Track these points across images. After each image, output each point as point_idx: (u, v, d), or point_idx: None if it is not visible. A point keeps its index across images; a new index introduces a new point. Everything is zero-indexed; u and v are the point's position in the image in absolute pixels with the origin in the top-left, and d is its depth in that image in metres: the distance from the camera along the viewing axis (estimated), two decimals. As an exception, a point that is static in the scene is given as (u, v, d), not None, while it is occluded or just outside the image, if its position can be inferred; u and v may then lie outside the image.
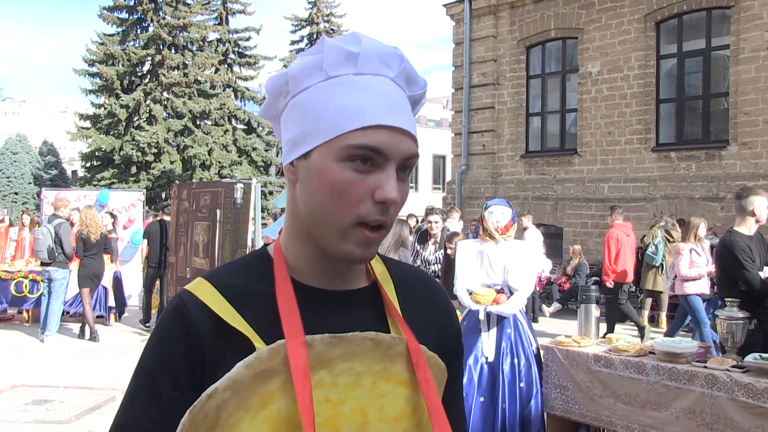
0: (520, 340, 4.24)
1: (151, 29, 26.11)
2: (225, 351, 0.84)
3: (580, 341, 4.11)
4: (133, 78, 26.51)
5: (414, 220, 11.94)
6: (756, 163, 10.57)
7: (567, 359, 4.01)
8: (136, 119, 26.10)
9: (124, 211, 11.40)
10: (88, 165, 26.83)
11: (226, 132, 26.63)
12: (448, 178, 15.51)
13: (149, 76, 26.30)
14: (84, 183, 26.39)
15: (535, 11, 13.36)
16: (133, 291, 10.70)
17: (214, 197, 8.09)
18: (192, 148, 25.21)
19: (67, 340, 8.37)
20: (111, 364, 7.04)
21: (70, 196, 11.86)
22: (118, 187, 22.06)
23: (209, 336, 0.85)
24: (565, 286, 11.10)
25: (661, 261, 9.38)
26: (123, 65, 25.99)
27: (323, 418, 0.81)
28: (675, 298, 10.36)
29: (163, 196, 23.04)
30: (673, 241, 9.72)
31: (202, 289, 0.88)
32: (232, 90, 27.64)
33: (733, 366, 3.38)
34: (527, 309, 6.61)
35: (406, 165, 0.86)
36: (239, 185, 7.53)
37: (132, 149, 24.71)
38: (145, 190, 14.63)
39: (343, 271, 0.92)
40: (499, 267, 4.34)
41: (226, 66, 27.73)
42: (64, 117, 76.63)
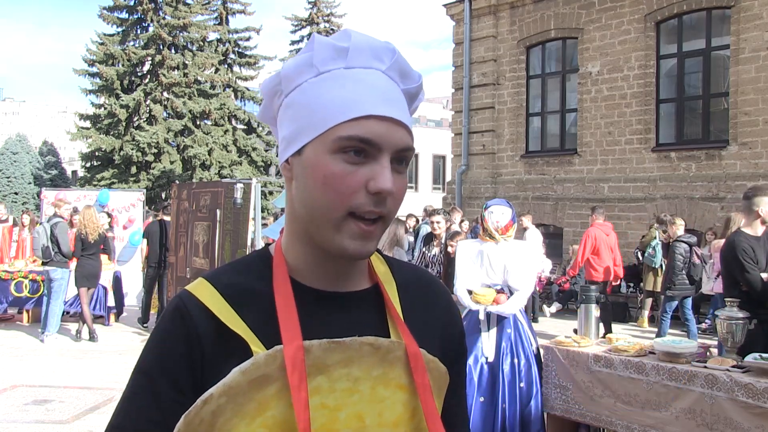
0: (520, 340, 4.24)
1: (151, 29, 26.11)
2: (224, 353, 0.84)
3: (580, 341, 4.11)
4: (133, 78, 26.51)
5: (414, 220, 11.94)
6: (756, 163, 10.57)
7: (567, 359, 4.01)
8: (136, 119, 26.09)
9: (124, 211, 11.39)
10: (88, 165, 26.82)
11: (226, 132, 26.63)
12: (448, 178, 15.51)
13: (149, 76, 26.29)
14: (84, 183, 26.38)
15: (535, 11, 13.36)
16: (131, 291, 10.69)
17: (214, 197, 8.09)
18: (192, 148, 25.20)
19: (67, 340, 8.36)
20: (111, 364, 7.04)
21: (70, 196, 11.86)
22: (118, 187, 22.05)
23: (209, 337, 0.84)
24: (565, 286, 11.10)
25: (660, 262, 9.37)
26: (123, 65, 25.99)
27: (320, 425, 0.80)
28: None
29: (163, 196, 23.04)
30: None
31: (203, 289, 0.87)
32: (232, 90, 27.64)
33: (733, 366, 3.38)
34: (527, 309, 6.61)
35: (401, 157, 0.85)
36: (239, 185, 7.53)
37: (132, 149, 24.71)
38: (145, 190, 14.62)
39: (344, 272, 0.91)
40: (499, 267, 4.34)
41: (226, 66, 27.72)
42: (64, 117, 76.63)
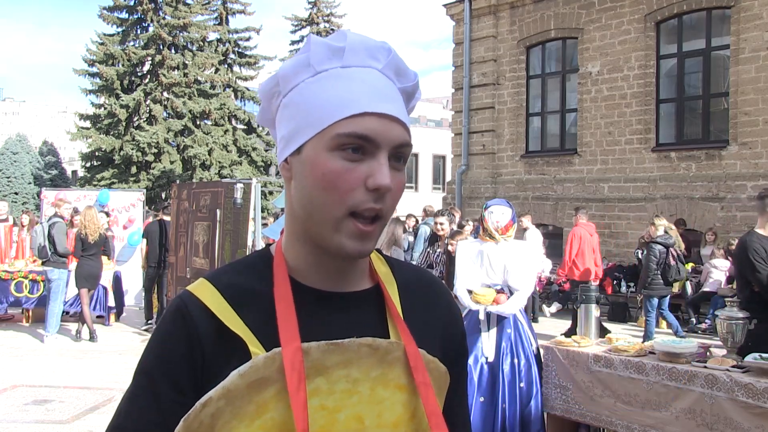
0: (520, 340, 4.24)
1: (151, 29, 26.10)
2: (225, 353, 0.84)
3: (580, 341, 4.11)
4: (133, 78, 26.50)
5: (413, 220, 11.94)
6: (756, 163, 10.57)
7: (567, 359, 4.01)
8: (136, 119, 26.09)
9: (124, 211, 11.39)
10: (88, 165, 26.81)
11: (226, 132, 26.62)
12: (448, 178, 15.51)
13: (149, 76, 26.28)
14: (84, 183, 26.37)
15: (535, 11, 13.36)
16: (131, 291, 10.69)
17: (214, 197, 8.08)
18: (192, 148, 25.19)
19: (67, 340, 8.36)
20: (111, 364, 7.04)
21: (70, 196, 11.86)
22: (118, 187, 22.05)
23: (210, 338, 0.84)
24: (565, 286, 11.09)
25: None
26: (123, 65, 25.98)
27: (318, 426, 0.80)
28: (675, 298, 10.38)
29: (163, 196, 23.03)
30: (674, 240, 9.71)
31: (204, 290, 0.87)
32: (232, 90, 27.63)
33: (733, 366, 3.38)
34: (527, 309, 6.61)
35: (399, 154, 0.85)
36: (239, 185, 7.53)
37: (132, 149, 24.69)
38: (145, 190, 14.62)
39: (344, 272, 0.91)
40: (499, 267, 4.34)
41: (226, 66, 27.72)
42: (64, 117, 76.62)
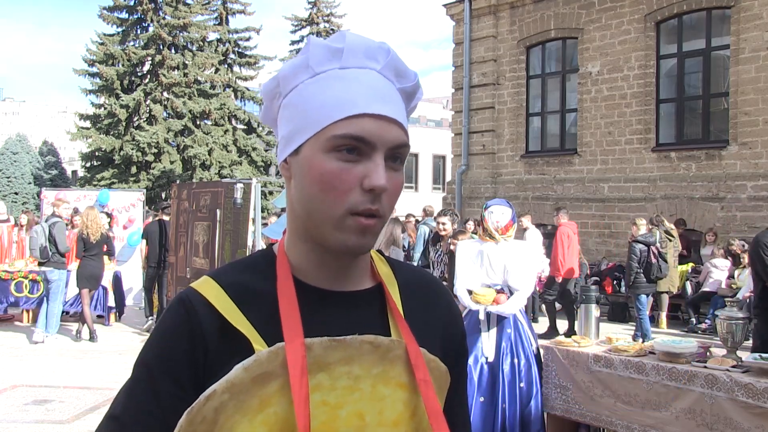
0: (520, 340, 4.23)
1: (151, 29, 26.09)
2: (228, 350, 0.84)
3: (580, 341, 4.11)
4: (133, 78, 26.49)
5: (413, 220, 11.94)
6: (756, 163, 10.57)
7: (567, 359, 4.01)
8: (136, 119, 26.08)
9: (124, 211, 11.39)
10: (88, 165, 26.80)
11: (226, 132, 26.61)
12: (448, 178, 15.51)
13: (149, 76, 26.28)
14: (84, 183, 26.36)
15: (535, 11, 13.36)
16: (131, 291, 10.68)
17: (214, 197, 8.08)
18: (192, 148, 25.19)
19: (67, 340, 8.36)
20: (111, 364, 7.04)
21: (70, 196, 11.86)
22: (118, 187, 22.04)
23: (213, 334, 0.85)
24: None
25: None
26: (123, 65, 25.97)
27: (320, 422, 0.81)
28: (675, 298, 10.39)
29: (163, 196, 23.01)
30: (674, 240, 9.72)
31: (208, 287, 0.88)
32: (232, 90, 27.62)
33: (733, 366, 3.38)
34: (527, 309, 6.62)
35: (396, 154, 0.86)
36: (239, 185, 7.53)
37: (132, 149, 24.69)
38: (145, 190, 14.62)
39: (346, 271, 0.91)
40: (499, 267, 4.34)
41: (226, 66, 27.71)
42: (64, 117, 76.61)
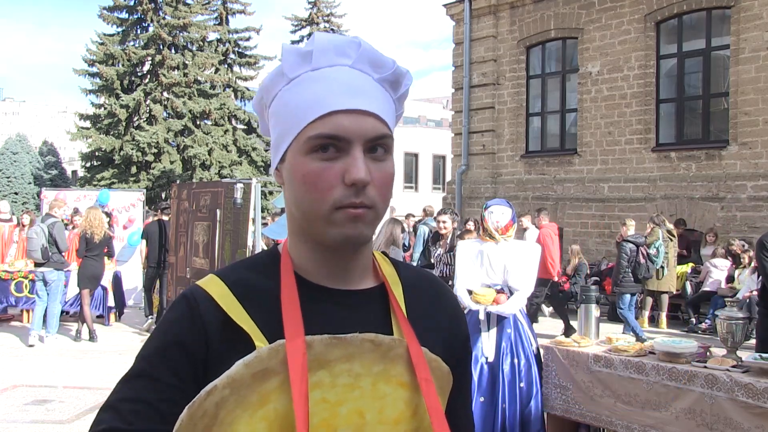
0: (520, 340, 4.24)
1: (151, 29, 26.08)
2: (229, 345, 0.85)
3: (580, 341, 4.11)
4: (133, 78, 26.48)
5: (413, 220, 11.95)
6: (756, 163, 10.57)
7: (567, 359, 4.01)
8: (136, 119, 26.07)
9: (124, 211, 11.38)
10: (88, 165, 26.79)
11: (226, 132, 26.61)
12: (448, 178, 15.50)
13: (149, 76, 26.27)
14: (84, 183, 26.35)
15: (535, 11, 13.36)
16: (131, 291, 10.68)
17: (214, 197, 8.08)
18: (192, 148, 25.18)
19: (67, 340, 8.37)
20: (111, 364, 7.04)
21: (70, 196, 11.87)
22: (118, 187, 22.04)
23: (215, 329, 0.86)
24: (565, 286, 11.09)
25: (662, 263, 9.40)
26: (123, 65, 25.96)
27: (320, 419, 0.81)
28: (675, 298, 10.39)
29: (163, 196, 23.00)
30: (674, 240, 9.73)
31: (212, 284, 0.90)
32: (232, 90, 27.61)
33: (733, 366, 3.38)
34: (527, 309, 6.60)
35: (377, 145, 0.87)
36: (239, 185, 7.53)
37: (132, 149, 24.68)
38: (145, 190, 14.61)
39: (348, 269, 0.92)
40: (499, 267, 4.34)
41: (226, 66, 27.70)
42: (64, 117, 76.61)
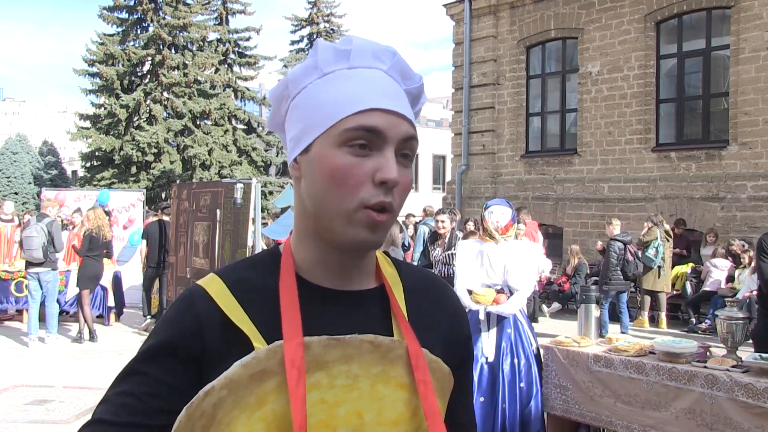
0: (520, 340, 4.24)
1: (151, 29, 26.06)
2: (228, 346, 0.85)
3: (580, 341, 4.10)
4: (133, 78, 26.46)
5: (413, 221, 11.94)
6: (756, 163, 10.57)
7: (567, 359, 4.01)
8: (136, 119, 26.06)
9: (124, 211, 11.38)
10: (88, 165, 26.78)
11: (226, 132, 26.60)
12: (448, 178, 15.50)
13: (149, 76, 26.26)
14: (84, 183, 26.34)
15: (535, 11, 13.36)
16: (130, 291, 10.67)
17: (214, 197, 8.09)
18: (192, 148, 25.17)
19: (67, 340, 8.37)
20: (111, 364, 7.04)
21: (70, 196, 11.87)
22: (118, 187, 22.03)
23: (214, 330, 0.86)
24: (565, 286, 11.09)
25: (660, 263, 9.41)
26: (123, 65, 25.94)
27: (318, 420, 0.81)
28: (675, 298, 10.39)
29: (163, 196, 23.00)
30: (671, 240, 9.75)
31: (213, 284, 0.90)
32: (232, 90, 27.60)
33: (733, 366, 3.38)
34: (527, 309, 6.60)
35: (406, 149, 0.87)
36: (239, 185, 7.53)
37: (132, 149, 24.67)
38: (145, 190, 14.61)
39: (351, 270, 0.92)
40: (499, 267, 4.34)
41: (226, 66, 27.69)
42: (64, 117, 76.61)
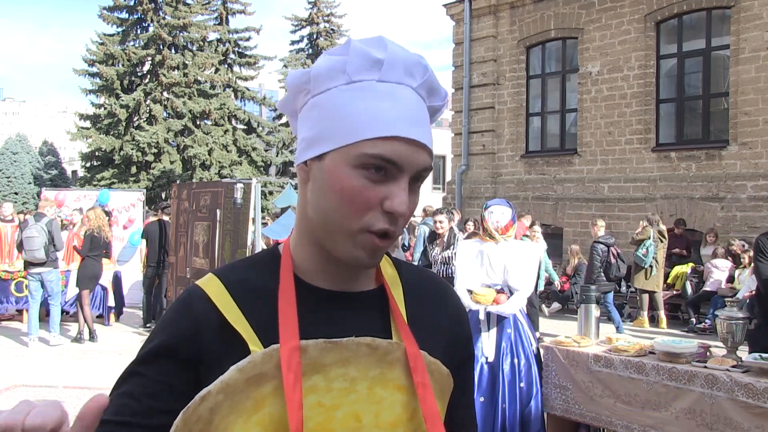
0: (520, 340, 4.24)
1: (151, 29, 26.07)
2: (225, 348, 0.85)
3: (580, 341, 4.10)
4: (133, 78, 26.47)
5: (413, 220, 11.94)
6: (756, 163, 10.57)
7: (567, 359, 4.01)
8: (136, 119, 26.06)
9: (124, 211, 11.38)
10: (88, 165, 26.79)
11: (226, 132, 26.61)
12: (448, 178, 15.50)
13: (149, 76, 26.26)
14: (84, 183, 26.35)
15: (535, 11, 13.36)
16: (130, 291, 10.67)
17: (214, 197, 8.08)
18: (192, 148, 25.18)
19: (66, 340, 8.36)
20: (111, 364, 7.04)
21: (70, 196, 11.87)
22: (118, 187, 22.04)
23: (212, 331, 0.86)
24: (565, 286, 11.09)
25: (651, 263, 9.44)
26: (123, 65, 25.95)
27: (315, 423, 0.81)
28: (675, 298, 10.39)
29: (163, 196, 23.01)
30: (665, 241, 9.75)
31: (211, 285, 0.89)
32: (232, 90, 27.61)
33: (733, 366, 3.38)
34: (527, 309, 6.60)
35: (420, 177, 0.86)
36: (239, 185, 7.53)
37: (132, 149, 24.68)
38: (145, 190, 14.61)
39: (350, 273, 0.92)
40: (499, 267, 4.34)
41: (226, 66, 27.69)
42: (64, 117, 76.60)
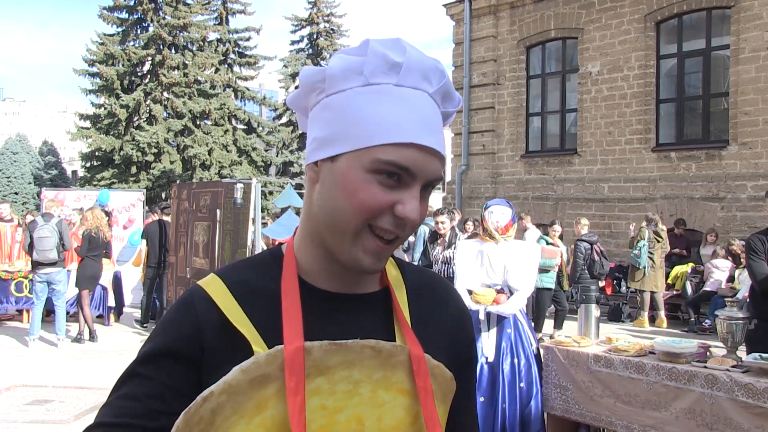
0: (520, 340, 4.23)
1: (151, 29, 26.09)
2: (227, 348, 0.85)
3: (580, 341, 4.10)
4: (133, 78, 26.48)
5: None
6: (756, 163, 10.57)
7: (567, 359, 4.01)
8: (136, 119, 26.07)
9: (124, 211, 11.39)
10: (88, 165, 26.81)
11: (226, 132, 26.62)
12: (448, 178, 15.49)
13: (149, 76, 26.27)
14: (84, 183, 26.37)
15: (535, 11, 13.36)
16: (131, 291, 10.67)
17: (214, 197, 8.09)
18: (192, 148, 25.19)
19: (66, 340, 8.35)
20: (111, 364, 7.04)
21: (70, 196, 11.87)
22: (118, 187, 22.05)
23: (213, 332, 0.85)
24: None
25: (645, 263, 9.46)
26: (123, 65, 25.96)
27: (318, 425, 0.81)
28: (675, 298, 10.39)
29: (163, 196, 23.02)
30: (662, 241, 9.76)
31: (213, 285, 0.89)
32: (232, 90, 27.62)
33: (733, 366, 3.38)
34: (527, 309, 6.61)
35: (430, 184, 0.86)
36: (239, 185, 7.53)
37: (132, 149, 24.69)
38: (145, 190, 14.62)
39: (354, 275, 0.91)
40: (499, 267, 4.34)
41: (226, 66, 27.71)
42: (64, 117, 76.57)
